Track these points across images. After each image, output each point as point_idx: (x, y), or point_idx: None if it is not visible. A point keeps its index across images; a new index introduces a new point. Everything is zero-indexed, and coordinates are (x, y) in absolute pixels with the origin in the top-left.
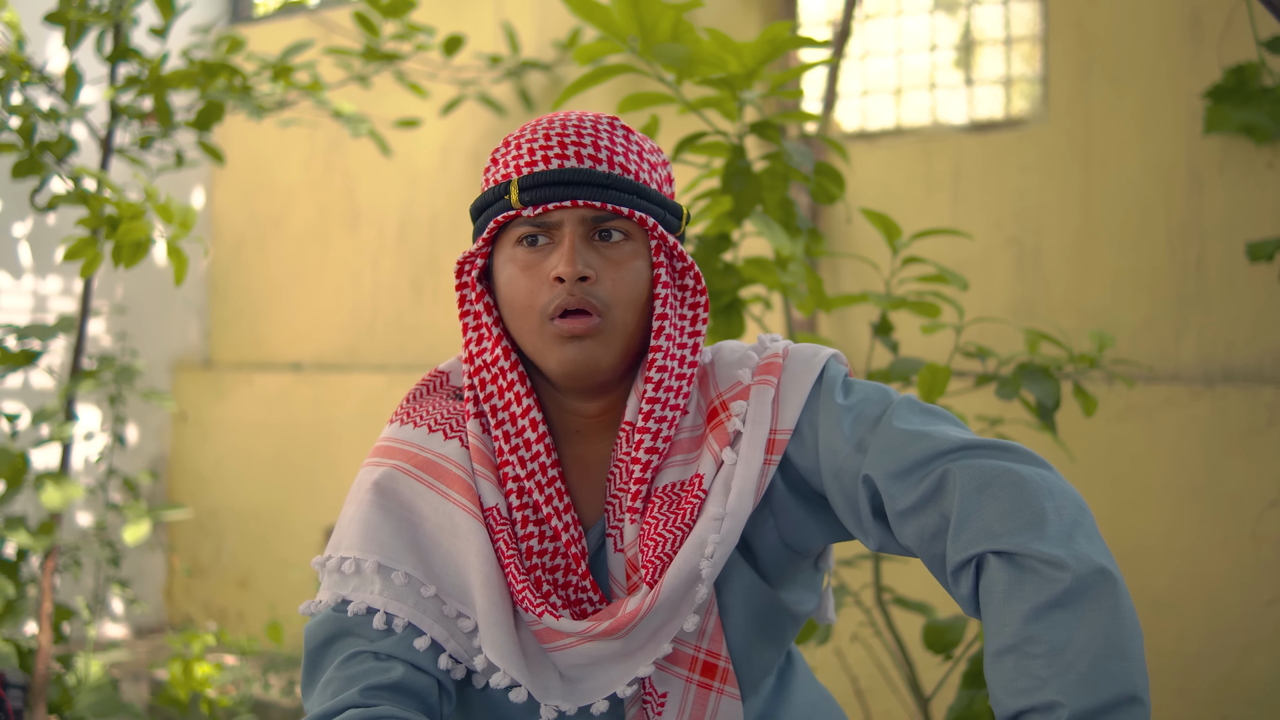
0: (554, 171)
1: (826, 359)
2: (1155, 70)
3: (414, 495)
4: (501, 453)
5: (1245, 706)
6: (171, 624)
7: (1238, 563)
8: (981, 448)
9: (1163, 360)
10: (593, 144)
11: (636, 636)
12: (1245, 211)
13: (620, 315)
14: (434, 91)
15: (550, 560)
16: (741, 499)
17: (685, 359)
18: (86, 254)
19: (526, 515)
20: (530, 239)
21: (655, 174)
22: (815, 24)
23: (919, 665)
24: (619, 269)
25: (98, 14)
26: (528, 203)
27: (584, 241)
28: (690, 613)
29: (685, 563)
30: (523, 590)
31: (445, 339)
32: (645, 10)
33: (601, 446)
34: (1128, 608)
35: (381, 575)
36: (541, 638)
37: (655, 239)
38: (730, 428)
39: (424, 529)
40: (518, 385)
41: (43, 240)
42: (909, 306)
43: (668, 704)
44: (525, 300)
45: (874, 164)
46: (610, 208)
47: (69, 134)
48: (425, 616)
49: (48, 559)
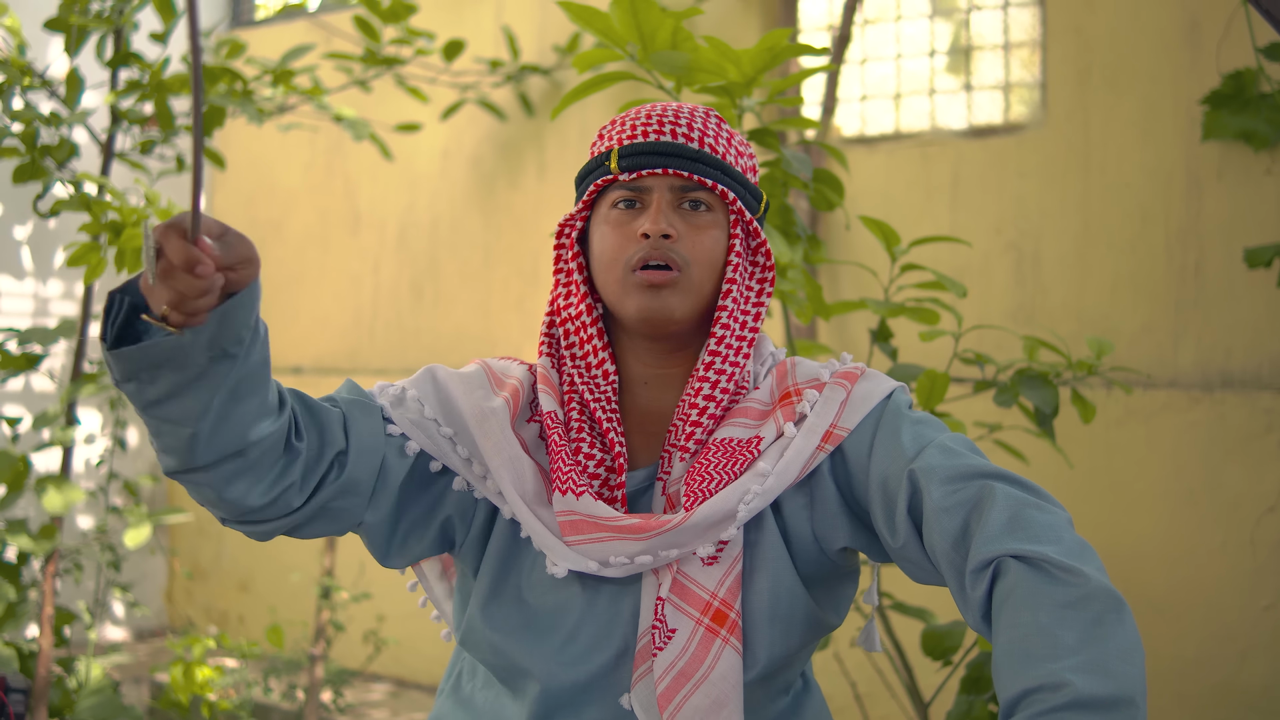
0: (650, 143)
1: (899, 385)
2: (1154, 76)
3: (470, 375)
4: (571, 381)
5: (1243, 711)
6: (172, 627)
7: (1236, 568)
8: (1019, 482)
9: (1161, 366)
10: (688, 125)
11: (656, 545)
12: (1243, 217)
13: (697, 273)
14: (434, 96)
15: (595, 466)
16: (789, 466)
17: (747, 324)
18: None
19: (582, 424)
20: (626, 202)
21: (741, 160)
22: (814, 29)
23: (918, 670)
24: (699, 233)
25: (99, 19)
26: (625, 169)
27: (671, 207)
28: (710, 543)
29: (723, 500)
30: (569, 472)
31: (445, 342)
32: (644, 18)
33: (663, 401)
34: (1134, 627)
35: (417, 405)
36: (567, 530)
37: (734, 213)
38: (799, 409)
39: (466, 399)
40: (596, 339)
41: (44, 243)
42: (908, 313)
43: (674, 639)
44: (613, 254)
45: (873, 169)
46: (696, 179)
47: (70, 138)
48: (436, 448)
49: (49, 562)
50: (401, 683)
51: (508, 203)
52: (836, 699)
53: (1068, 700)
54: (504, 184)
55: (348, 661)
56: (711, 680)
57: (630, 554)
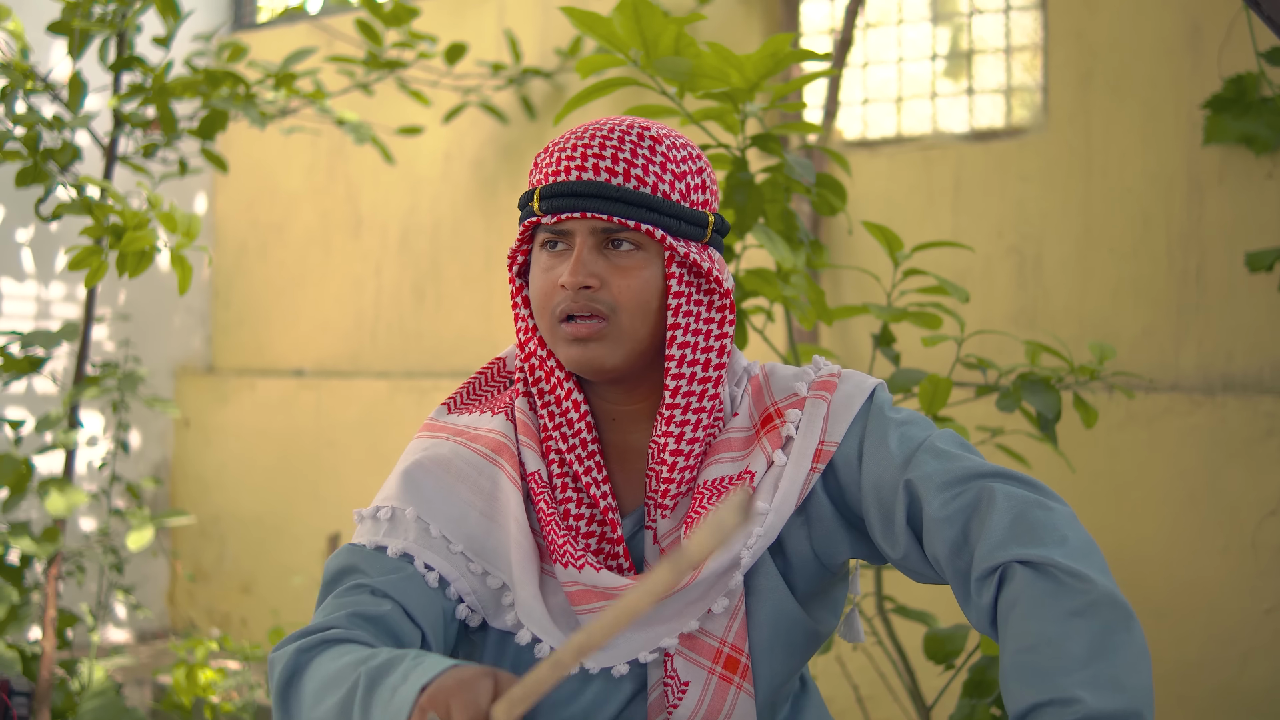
0: (569, 183)
1: (876, 384)
2: (1155, 80)
3: (458, 458)
4: (546, 429)
5: (1245, 714)
6: (175, 629)
7: (1237, 571)
8: (1017, 479)
9: (1163, 369)
10: (612, 157)
11: (667, 607)
12: (1245, 221)
13: (627, 320)
14: (436, 99)
15: (587, 525)
16: (786, 498)
17: (710, 362)
18: (91, 264)
19: (566, 482)
20: (551, 245)
21: (678, 184)
22: (816, 33)
23: (920, 674)
24: (626, 276)
25: (101, 23)
26: (546, 211)
27: (595, 250)
28: (720, 595)
29: (727, 550)
30: (564, 543)
31: (448, 346)
32: (647, 24)
33: (638, 436)
34: (1142, 635)
35: (419, 525)
36: (575, 599)
37: (668, 249)
38: (784, 432)
39: (464, 494)
40: (558, 372)
41: (46, 246)
42: (910, 318)
43: (689, 691)
44: (541, 303)
45: (875, 172)
46: (617, 220)
47: (73, 142)
48: (453, 570)
49: (51, 565)
50: None
51: (509, 206)
52: (838, 701)
53: (1078, 717)
54: (506, 187)
55: None
56: None
57: (652, 633)
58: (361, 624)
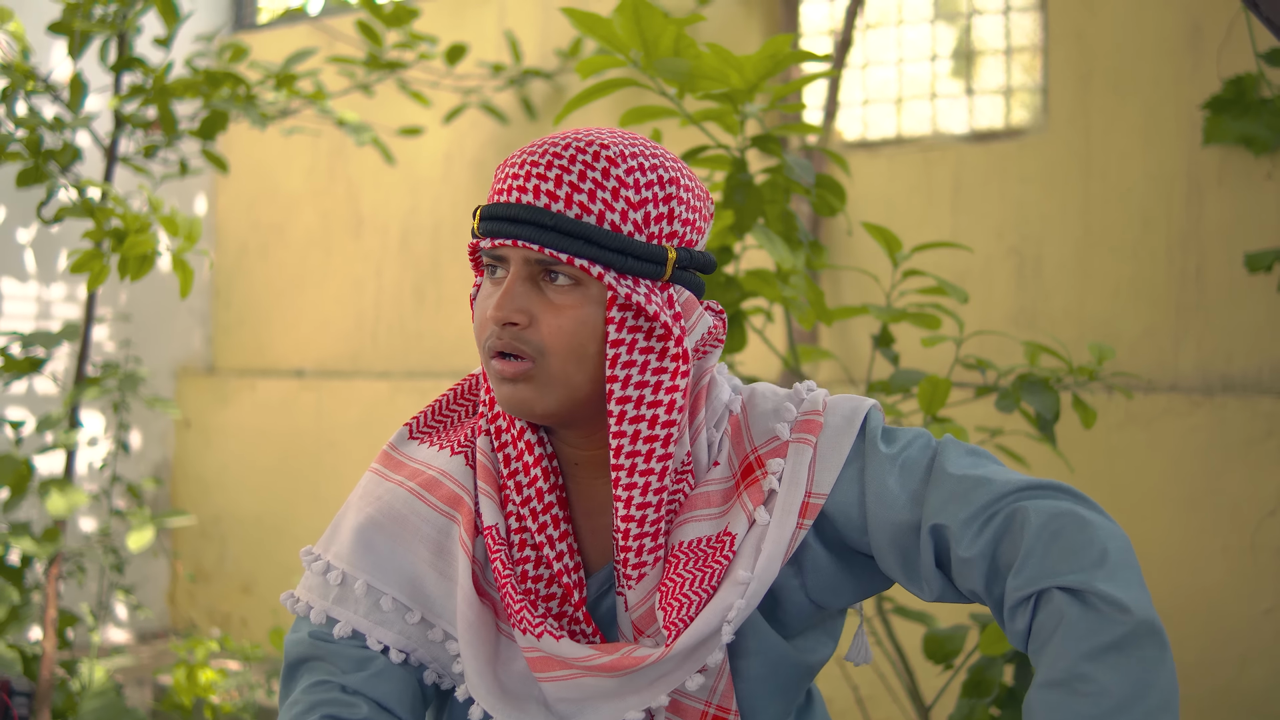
0: (507, 205)
1: (867, 410)
2: (1155, 81)
3: (413, 514)
4: (502, 475)
5: (1244, 715)
6: (175, 630)
7: (1236, 572)
8: (1041, 488)
9: (1162, 370)
10: (555, 180)
11: (636, 680)
12: (1244, 222)
13: (557, 364)
14: (437, 100)
15: (546, 588)
16: (770, 563)
17: (658, 419)
18: (92, 267)
19: (524, 539)
20: (491, 268)
21: (633, 214)
22: (816, 34)
23: (919, 674)
24: (559, 315)
25: (102, 24)
26: (483, 233)
27: (528, 282)
28: (695, 671)
29: (705, 625)
30: (521, 609)
31: (448, 346)
32: (647, 25)
33: (602, 486)
34: (1173, 668)
35: (369, 597)
36: (535, 666)
37: (609, 288)
38: (765, 485)
39: (419, 551)
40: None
41: (47, 247)
42: (910, 318)
43: None
44: (476, 331)
45: (875, 173)
46: (548, 252)
47: (74, 143)
48: (410, 641)
49: (52, 565)
50: None
51: None
52: (838, 702)
53: None
54: None
55: None
56: None
57: (619, 703)
58: None
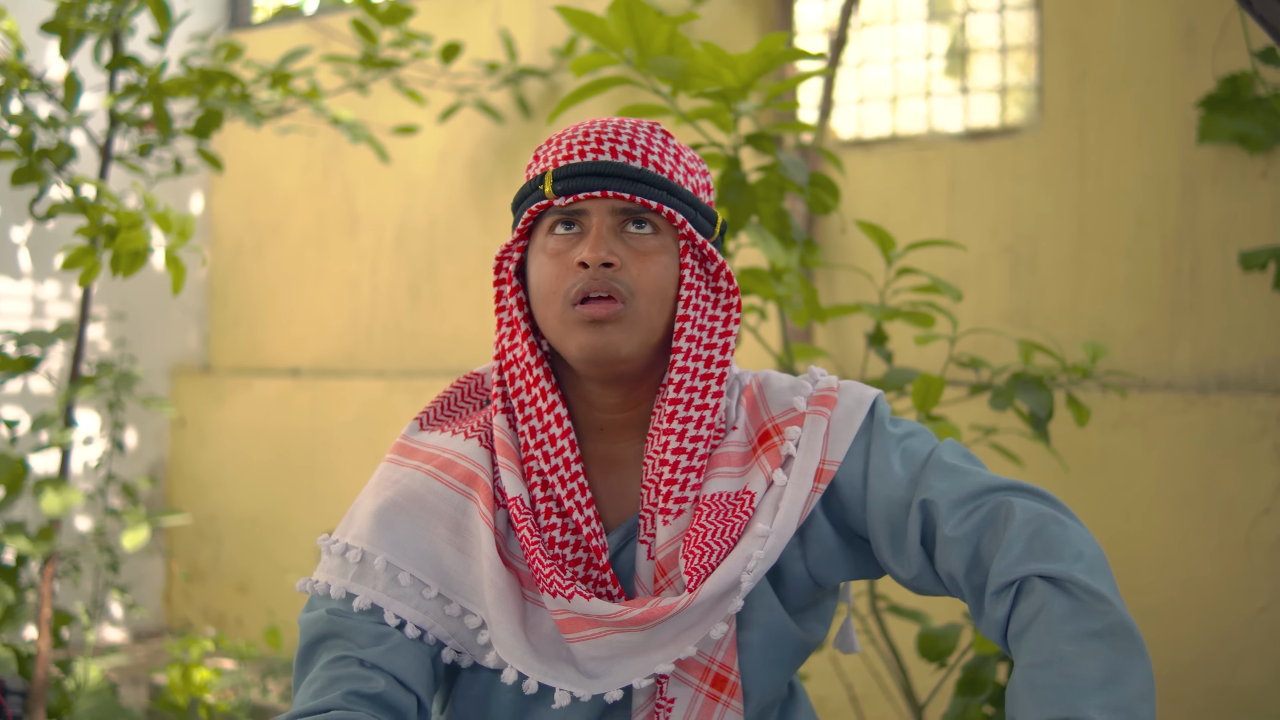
0: (586, 163)
1: (876, 396)
2: (1150, 79)
3: (430, 493)
4: (527, 447)
5: (1239, 714)
6: (170, 629)
7: (1231, 570)
8: (1027, 490)
9: (1157, 368)
10: (629, 141)
11: (662, 632)
12: (1239, 221)
13: (644, 305)
14: (432, 98)
15: (573, 553)
16: (787, 520)
17: (714, 359)
18: (85, 263)
19: (550, 507)
20: (564, 225)
21: (691, 178)
22: (811, 32)
23: (913, 672)
24: (645, 260)
25: (96, 22)
26: (560, 192)
27: (612, 232)
28: (719, 620)
29: (727, 574)
30: (551, 573)
31: (444, 345)
32: (641, 23)
33: (625, 447)
34: (1150, 667)
35: (388, 573)
36: (565, 628)
37: (684, 238)
38: (784, 450)
39: (438, 529)
40: (543, 381)
41: (41, 245)
42: (903, 317)
43: (675, 709)
44: (551, 286)
45: (870, 172)
46: (639, 200)
47: (68, 141)
48: (427, 617)
49: (47, 564)
50: None
51: (505, 205)
52: (831, 701)
53: None
54: (501, 186)
55: None
56: None
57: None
58: (358, 702)
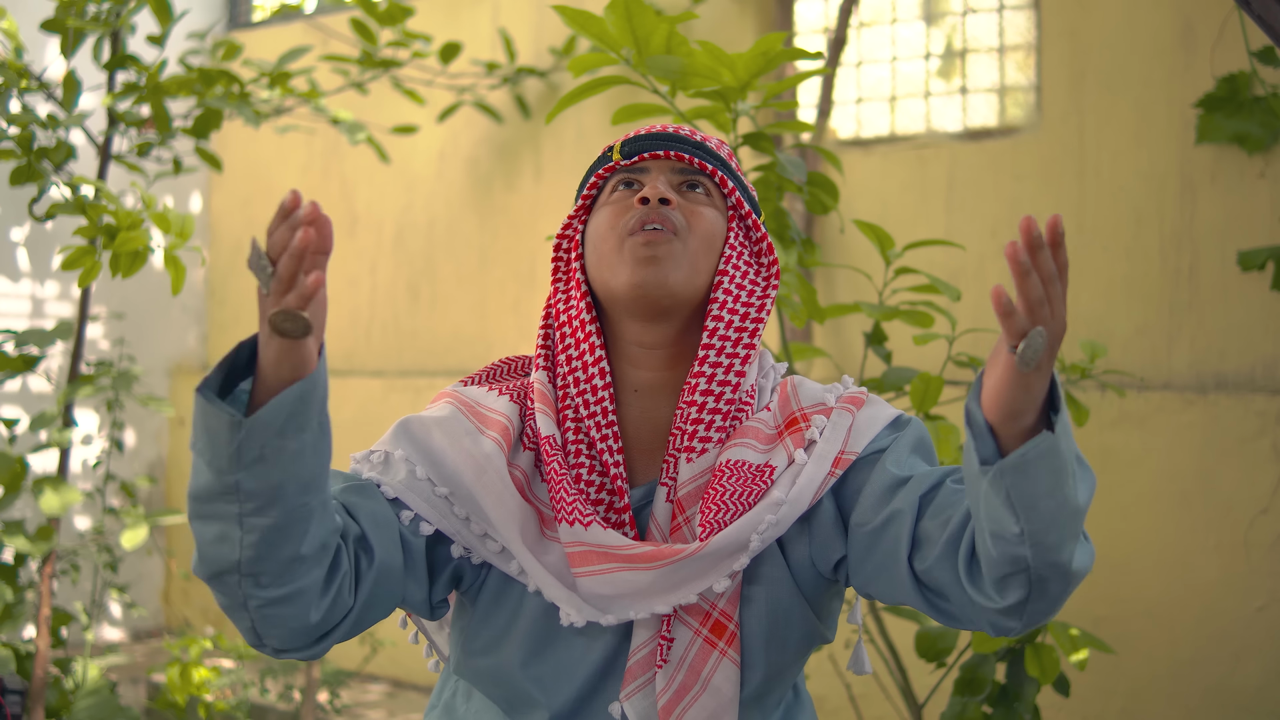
0: (654, 134)
1: (899, 412)
2: (1148, 79)
3: (458, 424)
4: (566, 396)
5: (1238, 713)
6: (169, 628)
7: (1229, 569)
8: None
9: (1155, 368)
10: (689, 131)
11: (668, 576)
12: (1237, 220)
13: (694, 244)
14: (431, 98)
15: (596, 493)
16: (803, 492)
17: (749, 315)
18: (84, 263)
19: (580, 448)
20: (625, 184)
21: (739, 173)
22: (810, 32)
23: (912, 672)
24: (698, 208)
25: (95, 21)
26: (632, 152)
27: (670, 186)
28: (724, 576)
29: (738, 531)
30: (574, 502)
31: (443, 344)
32: (639, 23)
33: (656, 412)
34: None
35: (406, 466)
36: (575, 561)
37: (732, 207)
38: (808, 435)
39: (460, 448)
40: (594, 337)
41: (40, 245)
42: (902, 316)
43: (673, 649)
44: (609, 223)
45: (868, 171)
46: (696, 162)
47: (67, 141)
48: (435, 511)
49: (46, 564)
50: (398, 683)
51: (504, 205)
52: (831, 700)
53: None
54: (500, 186)
55: (344, 662)
56: (709, 692)
57: (648, 601)
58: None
